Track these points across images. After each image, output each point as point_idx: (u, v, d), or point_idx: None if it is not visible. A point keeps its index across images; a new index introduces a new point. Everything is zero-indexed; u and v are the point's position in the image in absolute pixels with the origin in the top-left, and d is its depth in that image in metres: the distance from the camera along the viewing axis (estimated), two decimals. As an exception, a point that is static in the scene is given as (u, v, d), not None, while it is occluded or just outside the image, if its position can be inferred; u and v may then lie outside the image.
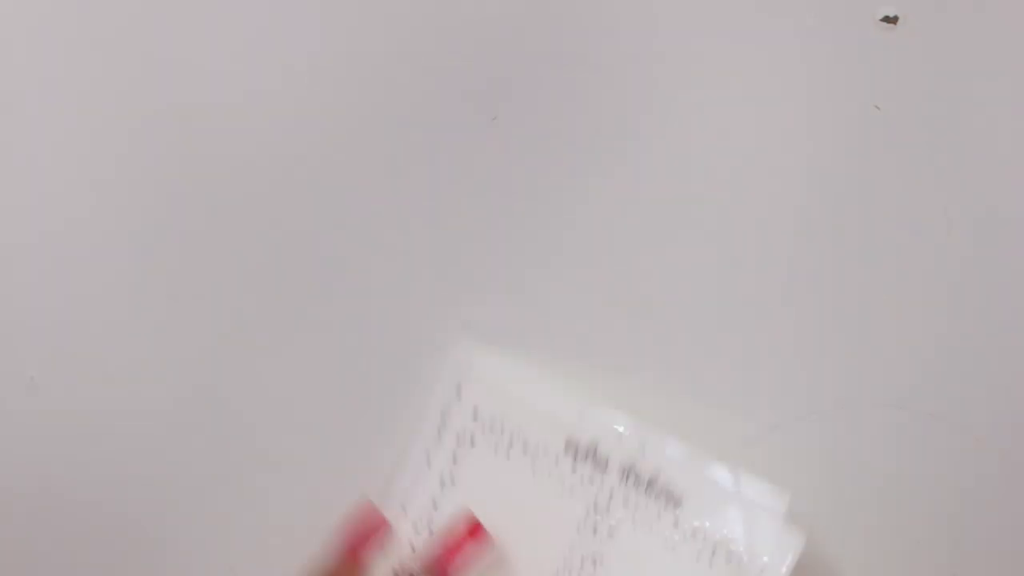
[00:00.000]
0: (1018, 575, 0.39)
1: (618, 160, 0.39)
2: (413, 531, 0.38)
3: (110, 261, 0.39)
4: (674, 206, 0.39)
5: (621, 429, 0.38)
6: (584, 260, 0.40)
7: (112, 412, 0.41)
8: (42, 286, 0.41)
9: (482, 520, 0.37)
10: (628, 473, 0.37)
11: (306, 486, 0.41)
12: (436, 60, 0.39)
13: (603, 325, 0.40)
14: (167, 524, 0.42)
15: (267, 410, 0.41)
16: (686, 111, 0.40)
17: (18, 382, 0.41)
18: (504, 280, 0.40)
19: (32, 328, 0.41)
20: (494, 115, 0.39)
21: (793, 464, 0.40)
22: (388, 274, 0.40)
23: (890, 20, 0.41)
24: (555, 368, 0.38)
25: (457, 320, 0.40)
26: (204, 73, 0.40)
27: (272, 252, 0.39)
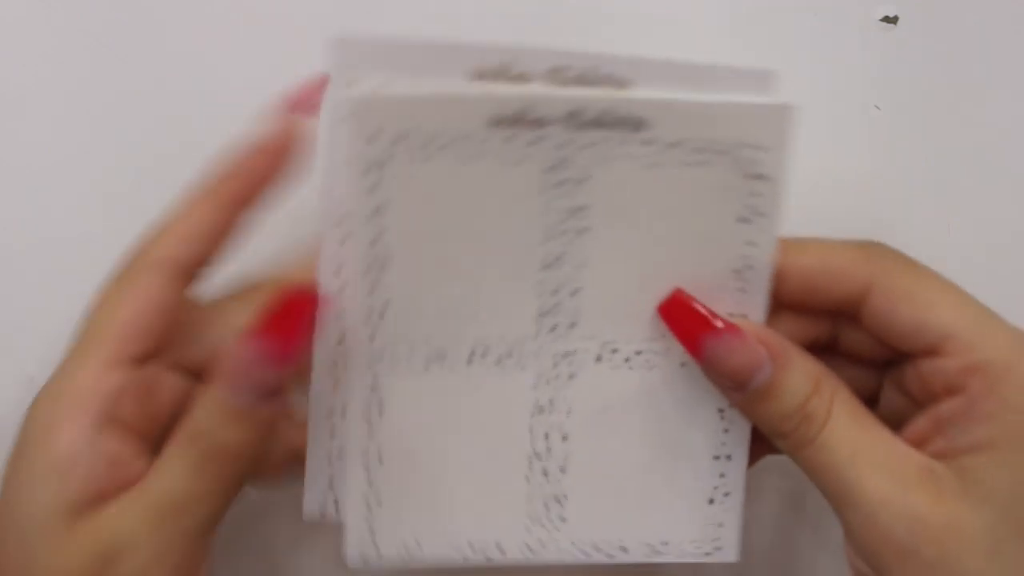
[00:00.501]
0: None
1: None
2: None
3: (111, 261, 0.39)
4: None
5: (543, 68, 0.32)
6: None
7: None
8: (42, 286, 0.41)
9: (432, 237, 0.33)
10: (572, 117, 0.32)
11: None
12: None
13: None
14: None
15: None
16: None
17: (18, 382, 0.41)
18: None
19: (32, 328, 0.41)
20: None
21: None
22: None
23: (890, 20, 0.41)
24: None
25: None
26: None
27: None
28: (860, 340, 0.35)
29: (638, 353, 0.35)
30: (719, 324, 0.33)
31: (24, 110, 0.41)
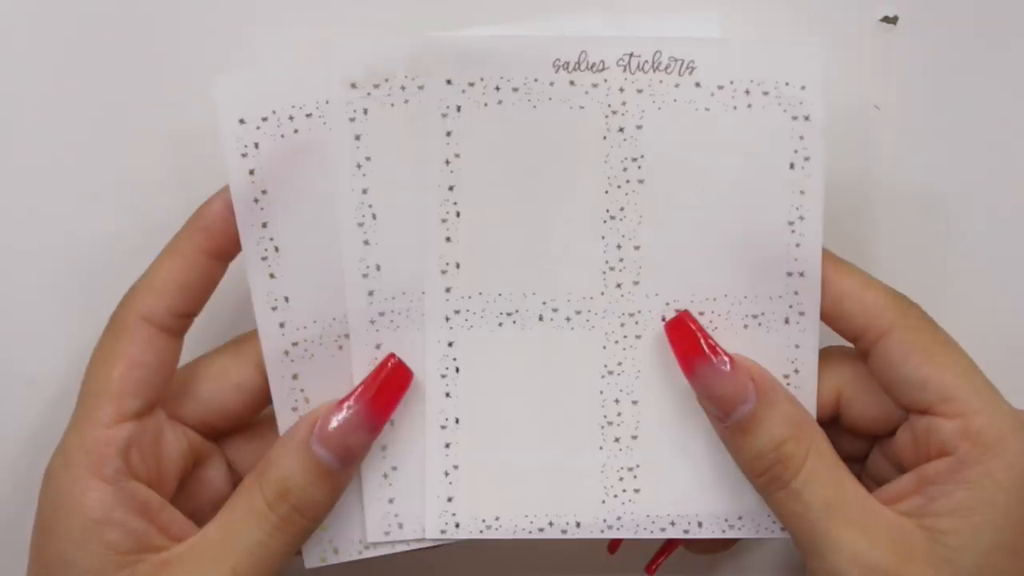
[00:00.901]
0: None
1: None
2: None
3: (111, 260, 0.39)
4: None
5: (598, 23, 0.35)
6: None
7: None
8: (42, 287, 0.41)
9: (504, 185, 0.34)
10: (628, 61, 0.33)
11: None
12: None
13: None
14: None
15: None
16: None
17: (18, 382, 0.41)
18: None
19: (32, 329, 0.41)
20: None
21: None
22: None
23: (890, 20, 0.41)
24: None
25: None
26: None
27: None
28: (860, 413, 0.35)
29: (700, 314, 0.35)
30: (715, 351, 0.33)
31: (25, 111, 0.41)
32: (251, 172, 0.35)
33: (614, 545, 0.39)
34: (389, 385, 0.34)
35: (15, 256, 0.41)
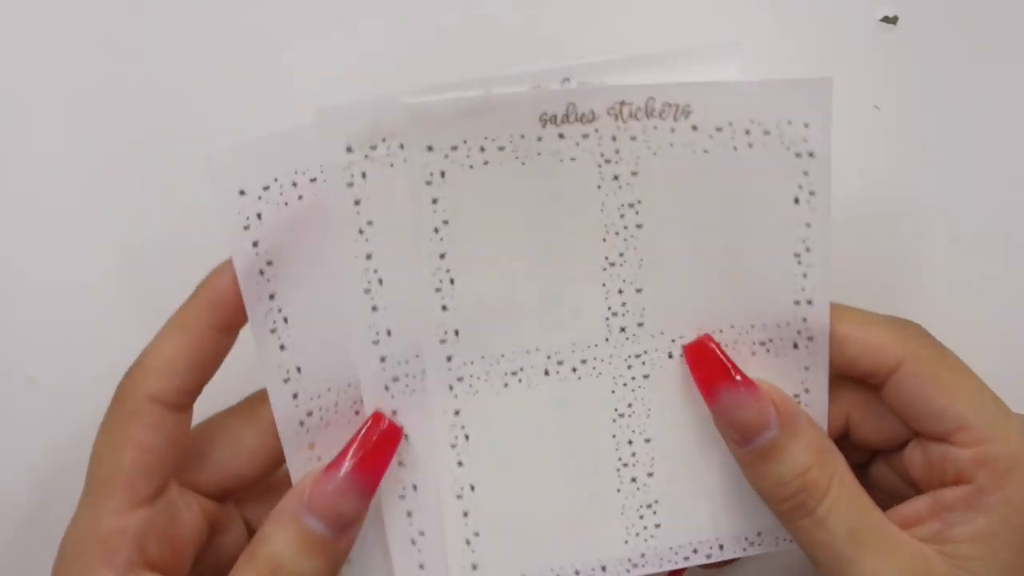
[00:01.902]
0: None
1: None
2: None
3: (111, 260, 0.39)
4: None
5: (589, 74, 0.33)
6: None
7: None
8: (42, 287, 0.41)
9: (497, 245, 0.33)
10: (619, 109, 0.33)
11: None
12: None
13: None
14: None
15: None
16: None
17: (18, 382, 0.41)
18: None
19: (32, 328, 0.41)
20: None
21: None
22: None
23: (890, 20, 0.41)
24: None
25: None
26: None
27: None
28: (870, 433, 0.36)
29: None
30: (737, 377, 0.33)
31: (26, 112, 0.41)
32: (255, 244, 0.33)
33: None
34: (378, 446, 0.33)
35: (15, 256, 0.41)
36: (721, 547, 0.36)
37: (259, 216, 0.33)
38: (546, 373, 0.35)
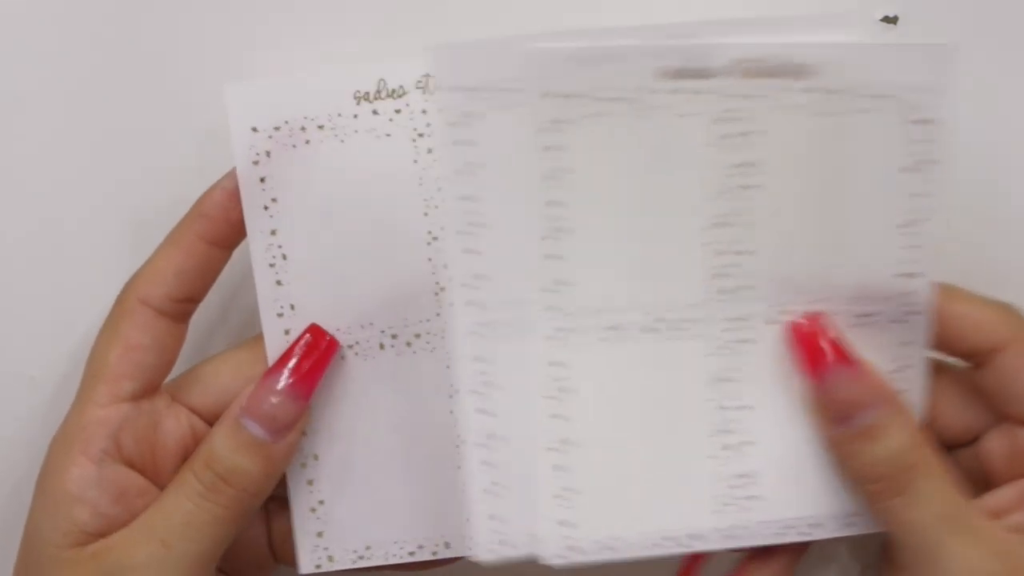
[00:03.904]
0: None
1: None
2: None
3: (111, 260, 0.39)
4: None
5: (708, 33, 0.32)
6: None
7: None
8: (42, 287, 0.41)
9: (606, 198, 0.33)
10: (737, 65, 0.32)
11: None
12: None
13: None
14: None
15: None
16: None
17: (18, 382, 0.41)
18: None
19: (32, 329, 0.41)
20: None
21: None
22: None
23: (890, 20, 0.41)
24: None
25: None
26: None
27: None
28: (947, 424, 0.36)
29: None
30: (845, 356, 0.33)
31: (26, 112, 0.41)
32: (262, 180, 0.35)
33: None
34: (312, 354, 0.35)
35: (16, 256, 0.41)
36: (819, 525, 0.35)
37: (268, 154, 0.35)
38: (643, 331, 0.34)
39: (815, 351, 0.34)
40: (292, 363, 0.35)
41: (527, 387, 0.34)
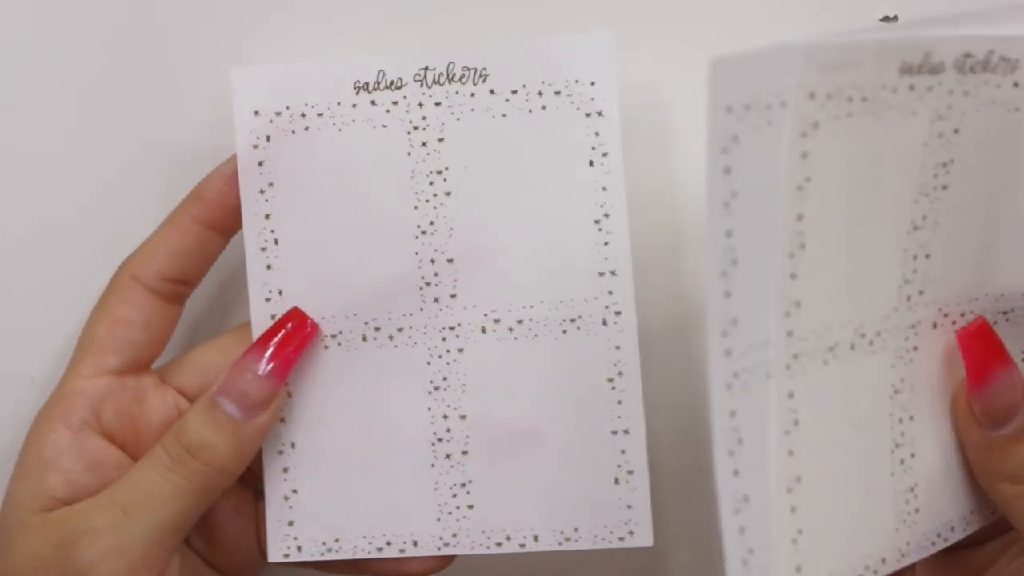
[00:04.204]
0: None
1: None
2: None
3: (111, 260, 0.39)
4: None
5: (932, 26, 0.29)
6: None
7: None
8: (42, 288, 0.41)
9: (841, 208, 0.29)
10: (964, 61, 0.30)
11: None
12: None
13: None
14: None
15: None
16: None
17: (18, 382, 0.41)
18: None
19: (32, 329, 0.41)
20: None
21: None
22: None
23: (890, 20, 0.41)
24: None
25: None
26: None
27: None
28: None
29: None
30: (1009, 359, 0.33)
31: (27, 112, 0.41)
32: (260, 163, 0.36)
33: None
34: (291, 337, 0.35)
35: (16, 256, 0.41)
36: (952, 529, 0.34)
37: (268, 139, 0.36)
38: (852, 348, 0.31)
39: (985, 356, 0.33)
40: (270, 344, 0.35)
41: (765, 436, 0.29)
